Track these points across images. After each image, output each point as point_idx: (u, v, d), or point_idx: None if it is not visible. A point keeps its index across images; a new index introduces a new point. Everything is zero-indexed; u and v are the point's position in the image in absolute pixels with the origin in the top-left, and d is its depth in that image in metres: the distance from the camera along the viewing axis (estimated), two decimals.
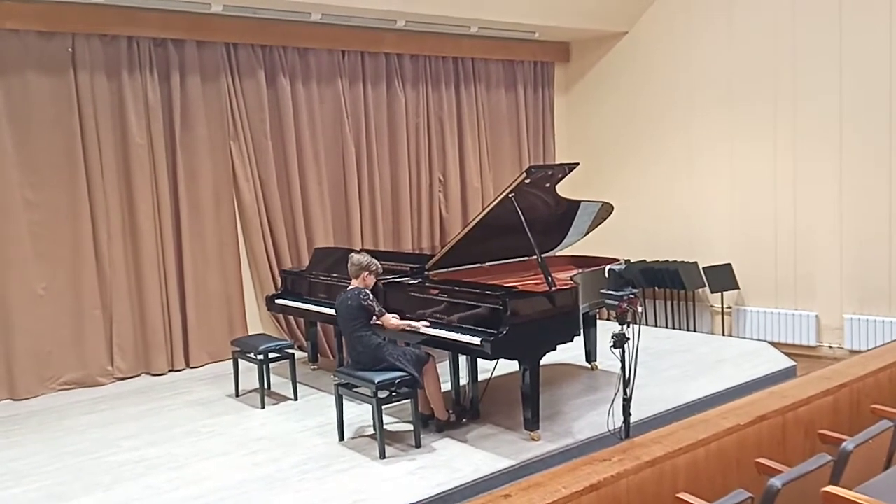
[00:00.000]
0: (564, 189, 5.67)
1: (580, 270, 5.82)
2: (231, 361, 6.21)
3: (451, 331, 4.90)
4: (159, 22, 6.63)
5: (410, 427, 4.99)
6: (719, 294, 8.09)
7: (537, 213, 5.49)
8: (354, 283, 5.01)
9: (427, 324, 4.99)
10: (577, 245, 6.38)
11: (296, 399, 5.95)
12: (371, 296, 4.91)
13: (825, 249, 7.43)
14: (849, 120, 7.19)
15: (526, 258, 5.92)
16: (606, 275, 4.39)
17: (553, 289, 4.93)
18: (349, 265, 5.06)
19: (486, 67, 8.87)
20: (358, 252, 5.22)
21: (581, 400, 5.71)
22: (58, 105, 6.38)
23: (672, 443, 3.07)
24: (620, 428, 4.40)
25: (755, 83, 7.80)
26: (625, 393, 4.33)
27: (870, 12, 6.97)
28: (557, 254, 6.38)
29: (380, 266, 5.11)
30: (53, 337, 6.43)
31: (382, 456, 4.71)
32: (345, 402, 5.07)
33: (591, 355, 6.49)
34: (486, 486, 4.26)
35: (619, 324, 4.25)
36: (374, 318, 4.89)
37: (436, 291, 5.24)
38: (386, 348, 4.85)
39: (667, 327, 8.48)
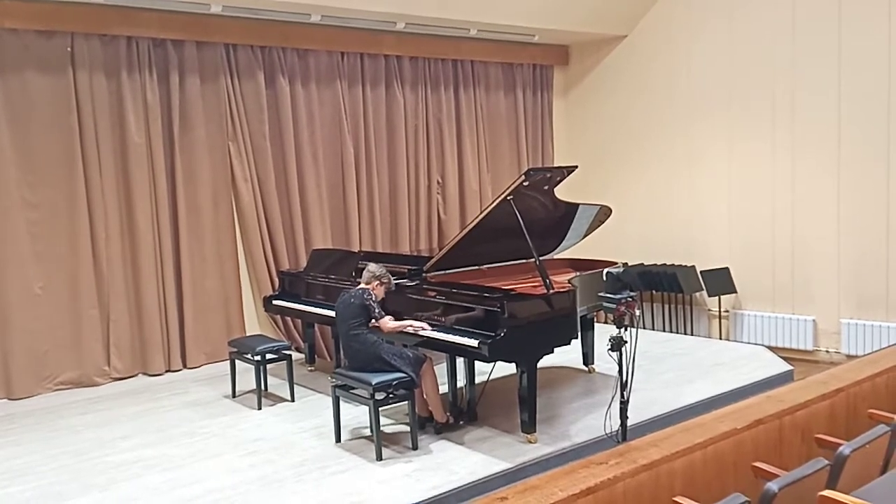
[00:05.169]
0: (563, 192, 5.67)
1: (578, 273, 5.82)
2: (228, 362, 6.21)
3: (448, 333, 4.90)
4: (158, 22, 6.63)
5: (407, 429, 4.98)
6: (717, 298, 8.09)
7: (535, 215, 5.49)
8: (362, 286, 5.02)
9: (423, 325, 4.98)
10: (575, 248, 6.39)
11: (293, 400, 5.95)
12: (374, 297, 4.94)
13: (823, 253, 7.44)
14: (847, 124, 7.20)
15: (524, 261, 5.92)
16: (604, 278, 4.39)
17: (551, 291, 4.93)
18: (365, 270, 5.08)
19: (485, 70, 8.88)
20: (378, 264, 5.20)
21: (578, 403, 5.70)
22: (56, 104, 6.38)
23: (669, 446, 3.07)
24: (617, 431, 4.40)
25: (754, 87, 7.81)
26: (622, 396, 4.32)
27: (869, 17, 6.98)
28: (555, 256, 6.38)
29: (392, 282, 5.12)
30: (50, 336, 6.42)
31: (379, 458, 4.70)
32: (342, 403, 5.06)
33: (588, 358, 6.50)
34: (483, 488, 4.26)
35: (617, 327, 4.24)
36: (374, 320, 4.89)
37: (433, 293, 5.24)
38: (382, 347, 4.85)
39: (664, 331, 8.48)
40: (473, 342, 4.66)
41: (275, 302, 6.81)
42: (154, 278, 6.86)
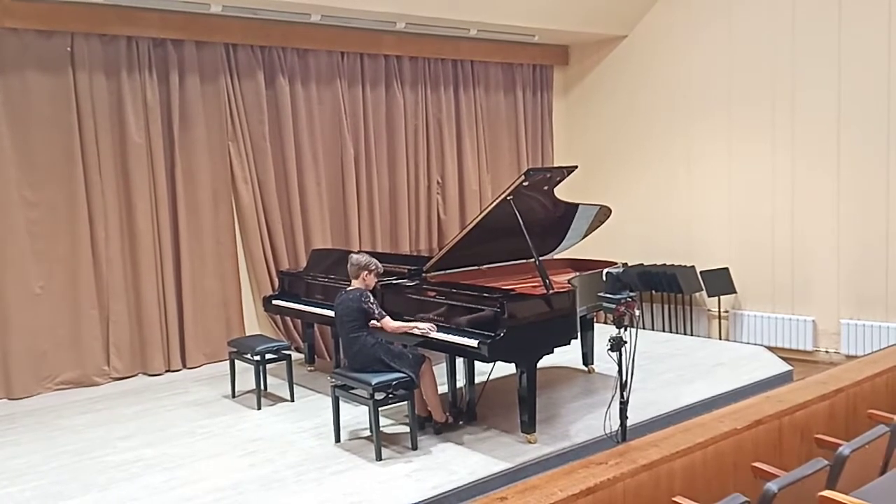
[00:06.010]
0: (562, 192, 5.67)
1: (578, 273, 5.83)
2: (228, 362, 6.20)
3: (448, 333, 4.90)
4: (158, 22, 6.63)
5: (407, 429, 4.98)
6: (716, 298, 8.09)
7: (535, 215, 5.49)
8: (355, 284, 4.99)
9: (431, 326, 4.94)
10: (574, 248, 6.39)
11: (292, 400, 5.95)
12: (372, 298, 4.89)
13: (822, 254, 7.44)
14: (847, 125, 7.20)
15: (524, 261, 5.92)
16: (604, 278, 4.38)
17: (550, 292, 4.93)
18: (349, 265, 5.04)
19: (485, 70, 8.88)
20: (357, 252, 5.20)
21: (578, 403, 5.71)
22: (56, 104, 6.38)
23: (668, 446, 3.08)
24: (617, 431, 4.40)
25: (754, 87, 7.81)
26: (622, 396, 4.32)
27: (869, 17, 6.98)
28: (555, 257, 6.38)
29: (380, 266, 5.09)
30: (50, 336, 6.42)
31: (379, 458, 4.70)
32: (341, 403, 5.06)
33: (588, 358, 6.50)
34: (483, 488, 4.26)
35: (617, 327, 4.24)
36: (375, 321, 4.88)
37: (433, 293, 5.24)
38: (382, 349, 4.84)
39: (664, 331, 8.48)
40: (473, 342, 4.66)
41: (274, 302, 6.81)
42: (154, 278, 6.86)
